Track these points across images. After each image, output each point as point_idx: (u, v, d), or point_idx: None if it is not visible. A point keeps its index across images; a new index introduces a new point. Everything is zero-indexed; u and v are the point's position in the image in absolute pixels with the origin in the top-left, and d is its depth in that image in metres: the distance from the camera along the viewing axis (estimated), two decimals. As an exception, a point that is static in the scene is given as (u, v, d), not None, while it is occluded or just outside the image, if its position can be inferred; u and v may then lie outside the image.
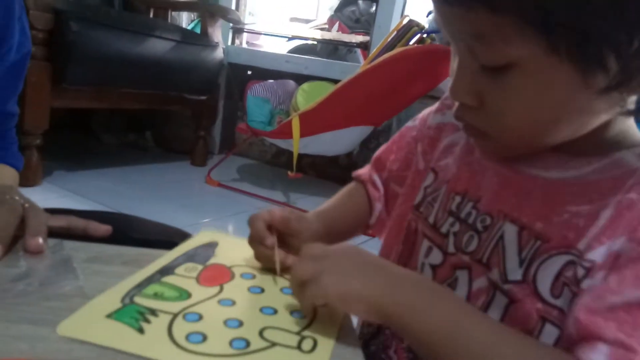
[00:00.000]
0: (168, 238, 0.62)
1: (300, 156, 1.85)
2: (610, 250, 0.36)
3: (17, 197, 0.52)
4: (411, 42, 1.74)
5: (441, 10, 0.38)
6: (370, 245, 0.56)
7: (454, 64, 0.41)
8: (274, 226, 0.49)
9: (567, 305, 0.37)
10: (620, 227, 0.36)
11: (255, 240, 0.49)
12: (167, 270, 0.47)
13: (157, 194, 1.92)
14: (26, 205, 0.51)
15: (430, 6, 0.43)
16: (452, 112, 0.44)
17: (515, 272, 0.40)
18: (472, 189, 0.46)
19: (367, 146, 2.21)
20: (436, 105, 0.56)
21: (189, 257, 0.50)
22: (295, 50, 2.87)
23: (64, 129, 2.34)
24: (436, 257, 0.47)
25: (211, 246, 0.54)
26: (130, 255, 0.50)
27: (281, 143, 1.97)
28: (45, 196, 1.63)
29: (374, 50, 1.87)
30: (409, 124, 0.59)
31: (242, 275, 0.48)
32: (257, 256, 0.50)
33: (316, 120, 1.81)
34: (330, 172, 2.41)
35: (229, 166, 2.30)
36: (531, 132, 0.40)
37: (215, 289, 0.44)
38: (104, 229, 0.56)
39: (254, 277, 0.48)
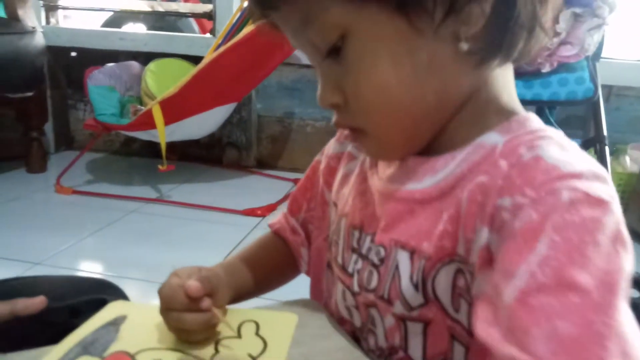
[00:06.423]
0: (96, 294, 0.54)
1: (158, 142, 1.70)
2: (480, 246, 0.33)
3: None
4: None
5: (276, 19, 0.39)
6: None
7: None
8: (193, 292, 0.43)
9: (466, 319, 0.36)
10: (478, 217, 0.33)
11: (177, 310, 0.42)
12: None
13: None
14: None
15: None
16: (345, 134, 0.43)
17: (415, 298, 0.38)
18: (368, 220, 0.44)
19: (230, 121, 2.14)
20: (337, 134, 0.54)
21: (85, 346, 0.42)
22: (111, 22, 2.55)
23: None
24: (350, 300, 0.44)
25: (116, 324, 0.46)
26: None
27: (142, 135, 1.79)
28: None
29: (227, 23, 1.78)
30: (318, 157, 0.56)
31: None
32: (189, 325, 0.42)
33: (180, 106, 1.68)
34: (192, 153, 2.28)
35: (73, 166, 1.91)
36: (397, 107, 0.37)
37: None
38: (38, 301, 0.46)
39: None
